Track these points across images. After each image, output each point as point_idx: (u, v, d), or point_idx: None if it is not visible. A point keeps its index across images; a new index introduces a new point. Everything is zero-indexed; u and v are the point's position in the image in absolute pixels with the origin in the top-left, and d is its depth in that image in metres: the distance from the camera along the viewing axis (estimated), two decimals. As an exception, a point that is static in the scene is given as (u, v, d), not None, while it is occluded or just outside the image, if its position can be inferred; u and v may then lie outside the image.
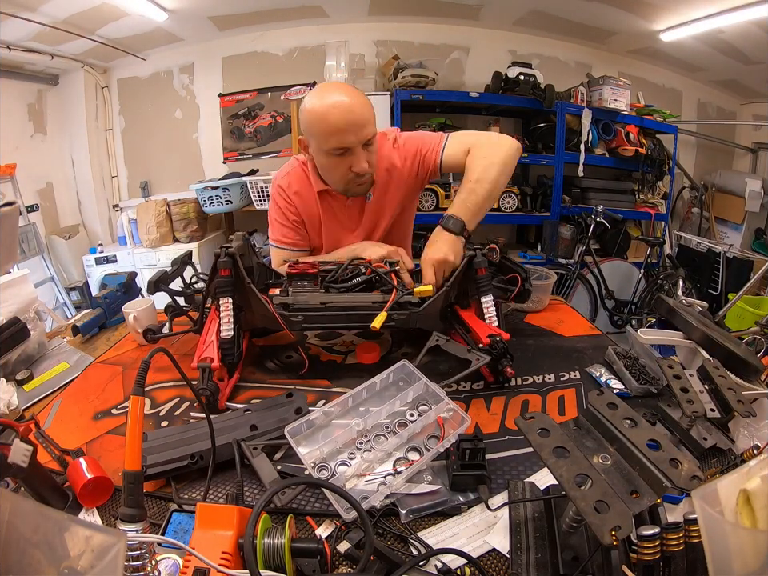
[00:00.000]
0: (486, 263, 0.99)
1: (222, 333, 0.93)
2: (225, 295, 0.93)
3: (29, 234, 3.09)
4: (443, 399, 0.75)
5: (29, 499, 0.58)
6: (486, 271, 0.99)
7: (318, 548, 0.52)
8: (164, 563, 0.53)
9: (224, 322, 0.93)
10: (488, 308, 0.98)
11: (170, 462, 0.68)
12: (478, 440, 0.67)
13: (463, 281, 1.03)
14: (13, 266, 1.72)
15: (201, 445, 0.70)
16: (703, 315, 0.99)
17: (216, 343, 0.91)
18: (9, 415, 0.85)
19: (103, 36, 3.01)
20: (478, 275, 0.99)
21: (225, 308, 0.93)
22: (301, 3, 3.12)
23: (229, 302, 0.93)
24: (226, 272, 0.93)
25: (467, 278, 1.01)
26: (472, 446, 0.66)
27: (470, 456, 0.66)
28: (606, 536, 0.42)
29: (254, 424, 0.75)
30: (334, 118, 1.01)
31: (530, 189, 3.45)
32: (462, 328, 1.01)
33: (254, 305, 0.97)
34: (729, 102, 4.07)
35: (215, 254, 0.93)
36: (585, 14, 3.13)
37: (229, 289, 0.93)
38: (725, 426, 0.75)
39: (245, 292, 0.96)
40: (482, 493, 0.64)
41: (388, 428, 0.76)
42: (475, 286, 1.00)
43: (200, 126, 3.69)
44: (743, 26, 2.76)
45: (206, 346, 0.91)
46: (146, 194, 3.69)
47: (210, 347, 0.90)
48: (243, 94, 3.49)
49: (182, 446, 0.71)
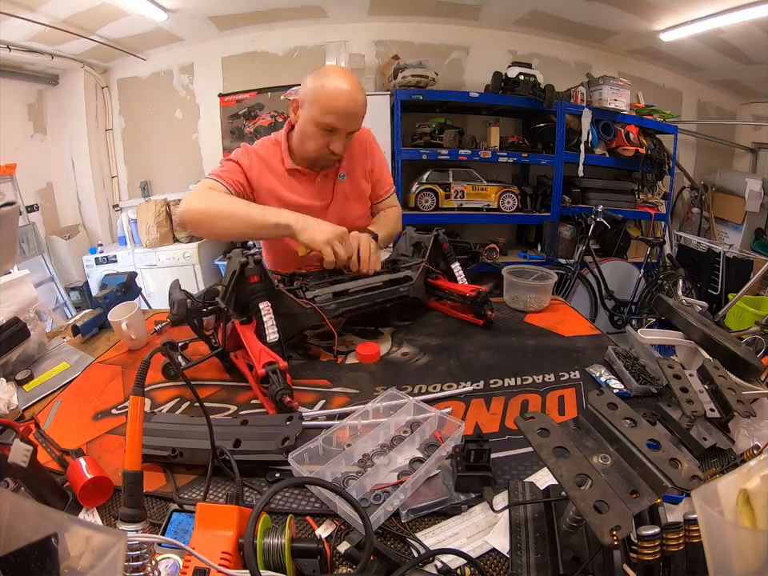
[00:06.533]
0: (447, 239, 1.30)
1: (269, 337, 0.92)
2: (262, 299, 0.94)
3: (29, 234, 3.09)
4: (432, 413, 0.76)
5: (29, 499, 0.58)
6: (449, 245, 1.30)
7: (318, 548, 0.52)
8: (164, 563, 0.52)
9: (268, 325, 0.93)
10: (458, 271, 1.28)
11: (153, 447, 0.69)
12: (484, 441, 0.66)
13: (432, 256, 1.29)
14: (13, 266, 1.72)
15: (187, 442, 0.70)
16: (703, 315, 0.99)
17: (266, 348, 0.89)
18: (9, 415, 0.85)
19: (103, 36, 3.02)
20: (443, 249, 1.29)
21: (266, 311, 0.93)
22: (301, 3, 3.12)
23: (268, 305, 0.94)
24: (256, 278, 0.94)
25: (435, 252, 1.30)
26: (477, 447, 0.65)
27: (476, 457, 0.65)
28: (605, 536, 0.42)
29: (239, 439, 0.71)
30: (339, 103, 1.13)
31: (530, 189, 3.45)
32: (442, 292, 1.27)
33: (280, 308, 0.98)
34: (729, 102, 4.07)
35: (241, 262, 0.93)
36: (585, 14, 3.13)
37: (264, 293, 0.94)
38: (725, 426, 0.75)
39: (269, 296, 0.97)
40: (486, 494, 0.63)
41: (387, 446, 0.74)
42: (443, 257, 1.30)
43: (200, 125, 3.69)
44: (743, 25, 2.77)
45: (259, 353, 0.87)
46: (146, 194, 3.69)
47: (264, 353, 0.87)
48: (243, 94, 3.50)
49: (172, 437, 0.71)
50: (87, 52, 3.16)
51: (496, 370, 0.99)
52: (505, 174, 3.72)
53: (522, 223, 3.73)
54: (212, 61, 3.56)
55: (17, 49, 2.74)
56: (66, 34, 2.76)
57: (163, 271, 3.30)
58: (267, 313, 0.93)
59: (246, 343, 0.92)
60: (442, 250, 1.28)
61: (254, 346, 0.90)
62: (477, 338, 1.14)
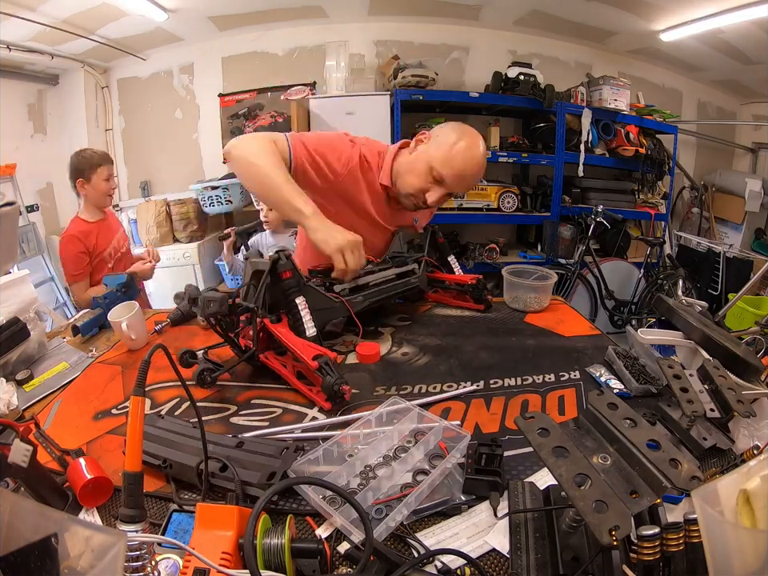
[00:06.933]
0: (441, 234, 1.38)
1: (308, 331, 0.92)
2: (297, 295, 0.93)
3: (29, 234, 3.09)
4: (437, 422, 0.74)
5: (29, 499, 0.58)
6: (444, 240, 1.38)
7: (318, 548, 0.52)
8: (164, 564, 0.52)
9: (306, 320, 0.93)
10: (454, 263, 1.38)
11: (149, 454, 0.68)
12: (497, 445, 0.66)
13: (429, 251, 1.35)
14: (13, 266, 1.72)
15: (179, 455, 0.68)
16: (703, 315, 0.99)
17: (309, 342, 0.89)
18: (9, 415, 0.85)
19: (103, 36, 3.01)
20: (439, 243, 1.38)
21: (303, 306, 0.94)
22: (301, 3, 3.12)
23: (304, 300, 0.93)
24: (288, 274, 0.94)
25: (431, 247, 1.36)
26: (489, 452, 0.65)
27: (487, 461, 0.65)
28: (604, 536, 0.42)
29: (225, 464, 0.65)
30: (465, 166, 1.15)
31: (530, 189, 3.45)
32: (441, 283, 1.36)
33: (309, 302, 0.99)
34: (729, 102, 4.07)
35: (273, 259, 0.93)
36: (585, 14, 3.13)
37: (298, 288, 0.94)
38: (725, 426, 0.75)
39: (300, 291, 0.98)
40: (492, 500, 0.63)
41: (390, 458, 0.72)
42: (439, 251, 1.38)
43: (200, 126, 3.69)
44: (743, 25, 2.76)
45: (303, 348, 0.86)
46: (146, 194, 3.69)
47: (309, 347, 0.86)
48: (243, 94, 3.50)
49: (167, 447, 0.69)
50: (87, 52, 3.16)
51: (496, 370, 0.99)
52: (505, 173, 3.72)
53: (522, 223, 3.73)
54: (212, 61, 3.55)
55: (17, 49, 2.74)
56: (66, 33, 2.75)
57: (163, 271, 3.29)
58: (305, 308, 0.94)
59: (286, 340, 0.91)
60: (437, 244, 1.38)
61: (296, 342, 0.90)
62: (477, 338, 1.14)
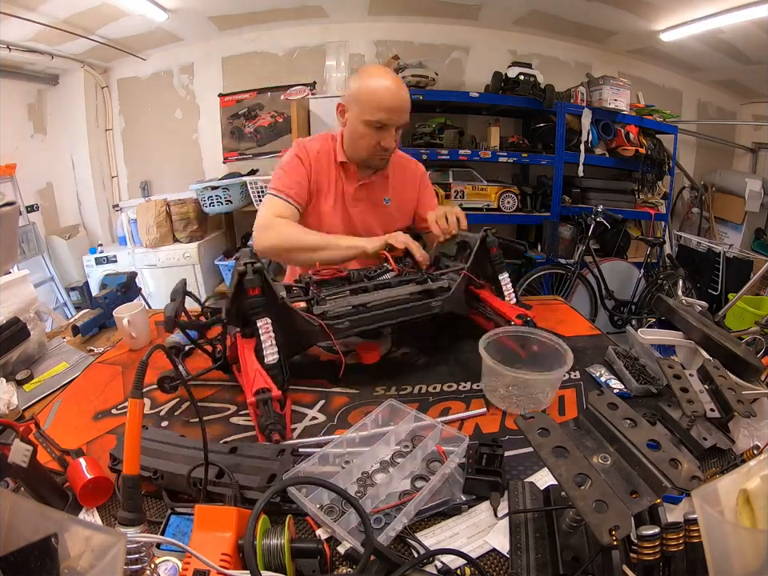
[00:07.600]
0: (497, 242, 1.09)
1: (267, 358, 0.84)
2: (260, 316, 0.84)
3: (29, 234, 3.09)
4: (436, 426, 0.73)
5: (29, 499, 0.58)
6: (498, 250, 1.09)
7: (318, 548, 0.52)
8: (163, 566, 0.52)
9: (267, 345, 0.84)
10: (506, 284, 1.09)
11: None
12: (497, 446, 0.66)
13: (478, 261, 1.09)
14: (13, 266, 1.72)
15: (170, 465, 0.66)
16: (703, 315, 0.99)
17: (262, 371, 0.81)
18: (9, 415, 0.85)
19: (103, 36, 3.01)
20: (491, 254, 1.09)
21: (265, 329, 0.84)
22: (301, 3, 3.11)
23: (268, 322, 0.85)
24: (256, 291, 0.84)
25: (481, 258, 1.09)
26: (490, 452, 0.65)
27: (487, 461, 0.65)
28: (604, 536, 0.42)
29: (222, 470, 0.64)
30: (387, 98, 1.17)
31: (530, 189, 3.44)
32: (483, 306, 1.08)
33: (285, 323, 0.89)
34: (729, 102, 4.07)
35: (239, 271, 0.84)
36: (585, 14, 3.13)
37: (262, 309, 0.85)
38: (725, 426, 0.75)
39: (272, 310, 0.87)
40: (492, 500, 0.63)
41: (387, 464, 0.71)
42: (490, 265, 1.09)
43: (200, 126, 3.68)
44: (743, 25, 2.76)
45: (253, 376, 0.80)
46: (146, 194, 3.69)
47: (259, 377, 0.79)
48: (243, 94, 3.50)
49: (157, 458, 0.67)
50: (87, 52, 3.16)
51: (496, 370, 0.98)
52: (505, 174, 3.71)
53: (522, 223, 3.72)
54: (212, 61, 3.55)
55: (17, 49, 2.74)
56: (66, 33, 2.75)
57: (163, 271, 3.30)
58: (266, 332, 0.85)
59: (243, 362, 0.85)
60: (489, 254, 1.09)
61: (250, 367, 0.82)
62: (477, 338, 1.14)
